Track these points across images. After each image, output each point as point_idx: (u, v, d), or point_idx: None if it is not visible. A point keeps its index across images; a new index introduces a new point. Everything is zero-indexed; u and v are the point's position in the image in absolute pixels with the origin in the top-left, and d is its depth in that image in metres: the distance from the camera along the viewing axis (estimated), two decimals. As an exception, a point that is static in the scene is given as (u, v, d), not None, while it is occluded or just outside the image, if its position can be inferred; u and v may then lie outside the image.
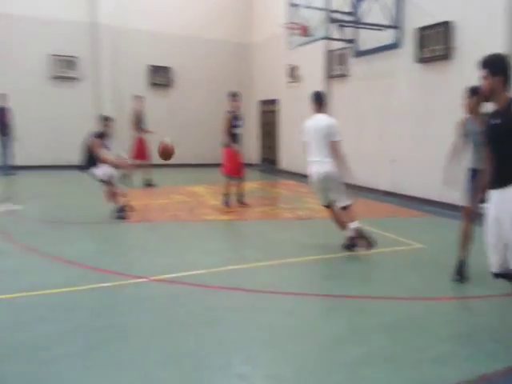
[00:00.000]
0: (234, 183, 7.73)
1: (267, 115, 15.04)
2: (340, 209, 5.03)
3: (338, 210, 5.06)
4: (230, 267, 4.41)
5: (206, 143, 13.85)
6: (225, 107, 7.93)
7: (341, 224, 5.10)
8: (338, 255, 4.91)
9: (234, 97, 7.60)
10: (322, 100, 5.11)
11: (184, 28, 14.23)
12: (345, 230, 5.02)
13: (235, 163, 7.59)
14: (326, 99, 5.40)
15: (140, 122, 10.03)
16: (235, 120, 7.50)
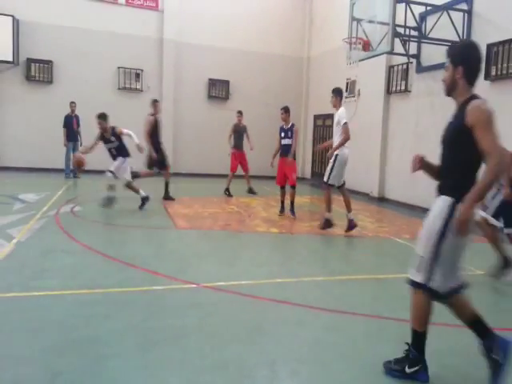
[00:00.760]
0: (282, 193, 8.09)
1: (321, 129, 14.97)
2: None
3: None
4: (279, 280, 4.39)
5: (261, 155, 14.01)
6: (279, 121, 8.34)
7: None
8: (390, 276, 4.73)
9: (281, 111, 8.18)
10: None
11: (243, 43, 14.59)
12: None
13: (279, 173, 8.11)
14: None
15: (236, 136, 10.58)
16: (281, 132, 8.09)
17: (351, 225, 6.62)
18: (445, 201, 2.50)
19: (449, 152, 2.58)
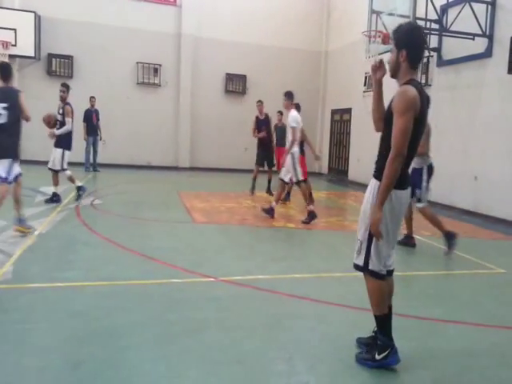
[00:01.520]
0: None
1: (339, 124, 14.82)
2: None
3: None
4: (297, 275, 4.38)
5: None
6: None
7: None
8: (410, 274, 4.68)
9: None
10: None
11: (260, 37, 14.53)
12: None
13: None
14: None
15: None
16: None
17: (310, 216, 6.92)
18: (373, 184, 2.57)
19: (382, 135, 2.61)
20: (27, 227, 5.26)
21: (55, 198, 7.18)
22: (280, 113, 10.56)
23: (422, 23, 8.70)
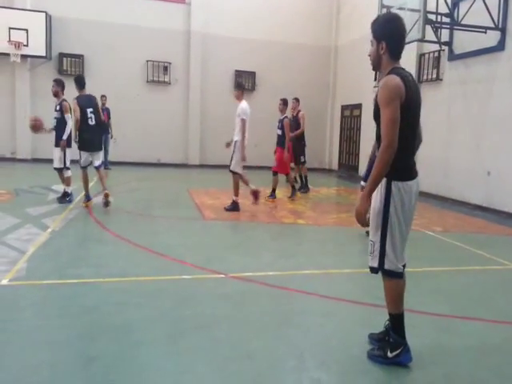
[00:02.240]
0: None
1: (349, 120, 14.73)
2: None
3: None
4: (306, 271, 4.38)
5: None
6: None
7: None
8: (420, 269, 4.64)
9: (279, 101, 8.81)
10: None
11: (269, 33, 14.49)
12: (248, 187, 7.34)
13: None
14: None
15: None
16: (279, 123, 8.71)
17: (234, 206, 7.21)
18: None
19: (376, 133, 2.56)
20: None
21: (68, 198, 7.19)
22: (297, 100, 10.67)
23: (433, 17, 8.60)
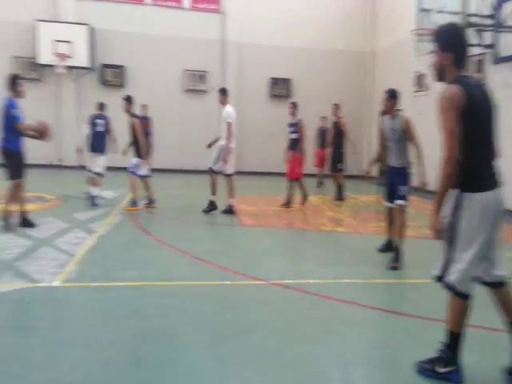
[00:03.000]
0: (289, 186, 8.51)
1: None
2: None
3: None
4: (347, 280, 4.35)
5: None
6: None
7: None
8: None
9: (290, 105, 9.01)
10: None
11: (304, 40, 14.50)
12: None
13: (287, 167, 8.58)
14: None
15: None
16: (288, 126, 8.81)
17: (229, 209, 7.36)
18: (452, 192, 2.48)
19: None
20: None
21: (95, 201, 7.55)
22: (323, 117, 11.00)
23: (474, 19, 8.35)
